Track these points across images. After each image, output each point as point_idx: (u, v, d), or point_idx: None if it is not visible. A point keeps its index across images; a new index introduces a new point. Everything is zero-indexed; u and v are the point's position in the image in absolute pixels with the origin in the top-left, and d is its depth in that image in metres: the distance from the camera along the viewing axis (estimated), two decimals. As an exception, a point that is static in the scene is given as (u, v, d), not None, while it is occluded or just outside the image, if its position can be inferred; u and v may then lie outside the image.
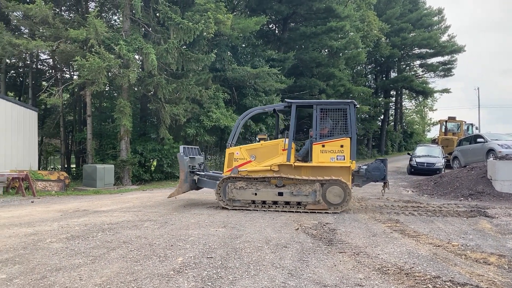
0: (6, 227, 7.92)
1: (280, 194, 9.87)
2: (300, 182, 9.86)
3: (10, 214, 9.81)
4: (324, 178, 9.75)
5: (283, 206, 9.94)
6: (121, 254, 5.83)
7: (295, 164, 10.22)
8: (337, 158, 9.94)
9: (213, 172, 11.86)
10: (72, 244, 6.40)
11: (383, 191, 10.99)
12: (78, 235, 7.08)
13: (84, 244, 6.45)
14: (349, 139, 9.94)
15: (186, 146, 11.38)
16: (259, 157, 10.58)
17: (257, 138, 11.55)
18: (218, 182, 10.40)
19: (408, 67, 51.91)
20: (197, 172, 11.30)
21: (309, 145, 10.41)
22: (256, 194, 9.96)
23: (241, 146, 11.03)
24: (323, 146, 10.00)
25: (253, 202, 10.10)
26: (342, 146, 9.92)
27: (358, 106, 10.77)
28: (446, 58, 48.41)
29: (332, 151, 9.96)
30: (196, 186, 11.46)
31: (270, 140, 11.12)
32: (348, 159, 9.91)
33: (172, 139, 21.03)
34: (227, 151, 10.85)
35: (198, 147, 12.83)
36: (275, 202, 10.00)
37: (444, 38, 48.14)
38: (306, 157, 10.57)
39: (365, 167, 10.63)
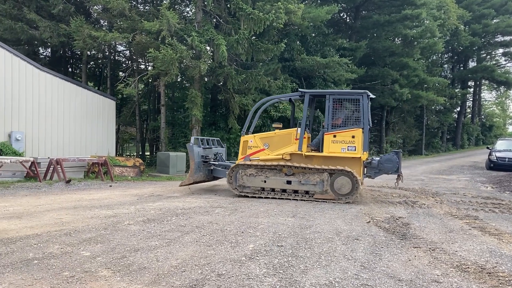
0: (88, 209, 8.44)
1: (289, 182, 10.04)
2: (308, 171, 9.93)
3: (91, 196, 10.45)
4: (330, 167, 9.74)
5: (294, 195, 10.04)
6: (194, 238, 5.99)
7: (306, 153, 10.28)
8: (348, 149, 9.90)
9: (228, 162, 12.13)
10: (149, 227, 6.68)
11: (396, 183, 10.81)
12: (154, 219, 7.38)
13: (159, 227, 6.70)
14: (361, 130, 9.89)
15: (200, 137, 11.69)
16: (273, 146, 10.74)
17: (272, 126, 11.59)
18: (228, 170, 10.71)
19: (489, 56, 48.42)
20: (211, 162, 11.59)
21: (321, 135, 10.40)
22: (265, 181, 10.22)
23: (255, 134, 11.21)
24: (335, 136, 10.02)
25: (263, 189, 10.32)
26: (353, 136, 9.89)
27: (373, 97, 10.59)
28: (533, 46, 44.64)
29: (343, 142, 9.96)
30: (212, 176, 11.86)
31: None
32: (359, 150, 9.85)
33: (239, 129, 21.21)
34: (242, 139, 11.09)
35: (219, 138, 13.09)
36: (284, 190, 10.15)
37: (532, 24, 44.33)
38: (319, 147, 10.50)
39: (378, 158, 10.64)
